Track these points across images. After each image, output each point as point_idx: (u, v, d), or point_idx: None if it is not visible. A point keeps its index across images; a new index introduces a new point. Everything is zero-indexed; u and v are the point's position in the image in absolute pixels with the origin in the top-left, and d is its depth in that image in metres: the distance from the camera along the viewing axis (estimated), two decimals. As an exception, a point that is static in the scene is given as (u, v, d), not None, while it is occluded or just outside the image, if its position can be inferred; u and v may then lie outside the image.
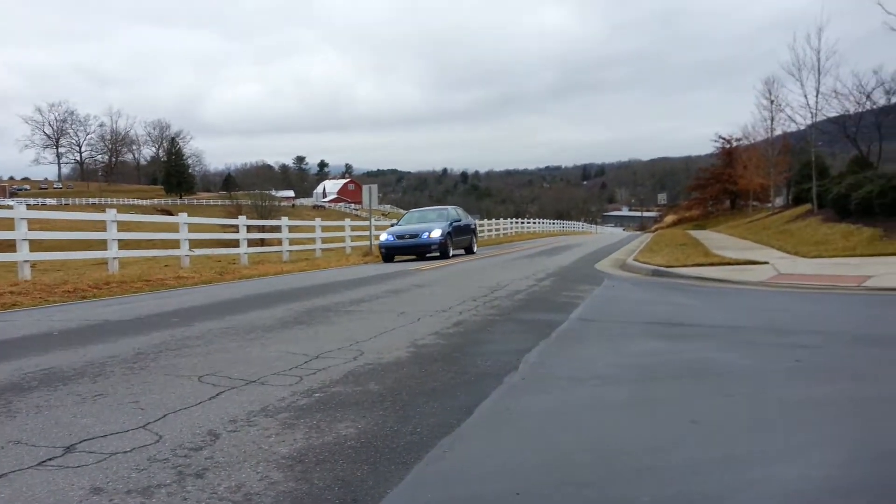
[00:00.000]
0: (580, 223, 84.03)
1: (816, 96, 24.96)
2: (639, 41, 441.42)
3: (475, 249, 22.65)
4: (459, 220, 21.50)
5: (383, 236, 19.99)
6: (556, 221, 69.21)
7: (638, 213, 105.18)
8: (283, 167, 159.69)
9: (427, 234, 19.21)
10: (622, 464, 2.82)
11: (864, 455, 2.83)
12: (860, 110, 32.56)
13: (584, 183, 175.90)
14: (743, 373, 4.39)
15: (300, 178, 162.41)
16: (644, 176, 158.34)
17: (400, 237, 19.44)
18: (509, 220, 49.50)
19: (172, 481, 2.64)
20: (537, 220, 60.12)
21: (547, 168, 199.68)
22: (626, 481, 2.62)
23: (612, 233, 62.90)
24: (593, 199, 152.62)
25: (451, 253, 19.69)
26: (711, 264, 11.80)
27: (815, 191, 23.18)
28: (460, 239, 21.01)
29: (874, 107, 32.32)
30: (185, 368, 4.71)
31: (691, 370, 4.49)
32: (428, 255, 19.41)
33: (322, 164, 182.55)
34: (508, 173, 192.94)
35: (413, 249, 19.31)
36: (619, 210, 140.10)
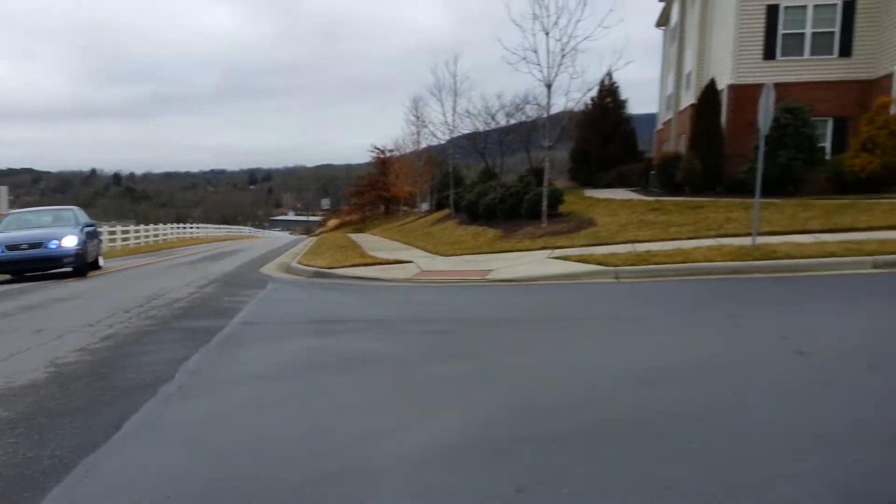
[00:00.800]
0: (248, 228, 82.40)
1: (453, 115, 28.62)
2: (302, 52, 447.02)
3: (101, 263, 17.21)
4: (92, 225, 16.66)
5: None
6: (222, 226, 66.71)
7: (304, 218, 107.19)
8: None
9: (56, 242, 13.95)
10: (275, 454, 3.05)
11: (485, 417, 3.52)
12: (488, 129, 38.22)
13: (251, 187, 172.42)
14: (389, 359, 5.00)
15: None
16: (309, 181, 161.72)
17: (11, 248, 13.80)
18: (170, 225, 46.21)
19: None
20: (202, 225, 57.25)
21: (212, 171, 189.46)
22: (277, 468, 2.87)
23: (279, 237, 62.85)
24: (260, 204, 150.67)
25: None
26: (366, 264, 12.76)
27: (452, 198, 26.45)
28: (92, 249, 15.86)
29: (498, 126, 38.17)
30: None
31: (345, 362, 4.94)
32: (38, 272, 14.28)
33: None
34: (169, 175, 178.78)
35: (34, 264, 13.96)
36: (286, 214, 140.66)
